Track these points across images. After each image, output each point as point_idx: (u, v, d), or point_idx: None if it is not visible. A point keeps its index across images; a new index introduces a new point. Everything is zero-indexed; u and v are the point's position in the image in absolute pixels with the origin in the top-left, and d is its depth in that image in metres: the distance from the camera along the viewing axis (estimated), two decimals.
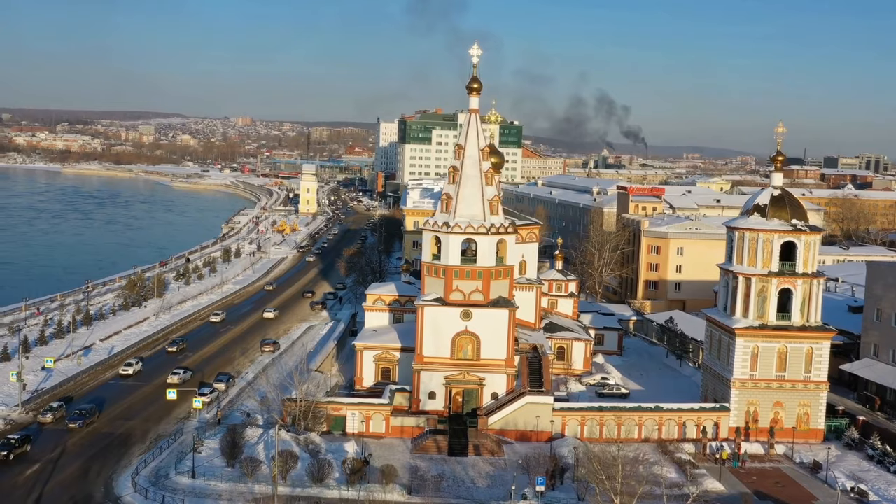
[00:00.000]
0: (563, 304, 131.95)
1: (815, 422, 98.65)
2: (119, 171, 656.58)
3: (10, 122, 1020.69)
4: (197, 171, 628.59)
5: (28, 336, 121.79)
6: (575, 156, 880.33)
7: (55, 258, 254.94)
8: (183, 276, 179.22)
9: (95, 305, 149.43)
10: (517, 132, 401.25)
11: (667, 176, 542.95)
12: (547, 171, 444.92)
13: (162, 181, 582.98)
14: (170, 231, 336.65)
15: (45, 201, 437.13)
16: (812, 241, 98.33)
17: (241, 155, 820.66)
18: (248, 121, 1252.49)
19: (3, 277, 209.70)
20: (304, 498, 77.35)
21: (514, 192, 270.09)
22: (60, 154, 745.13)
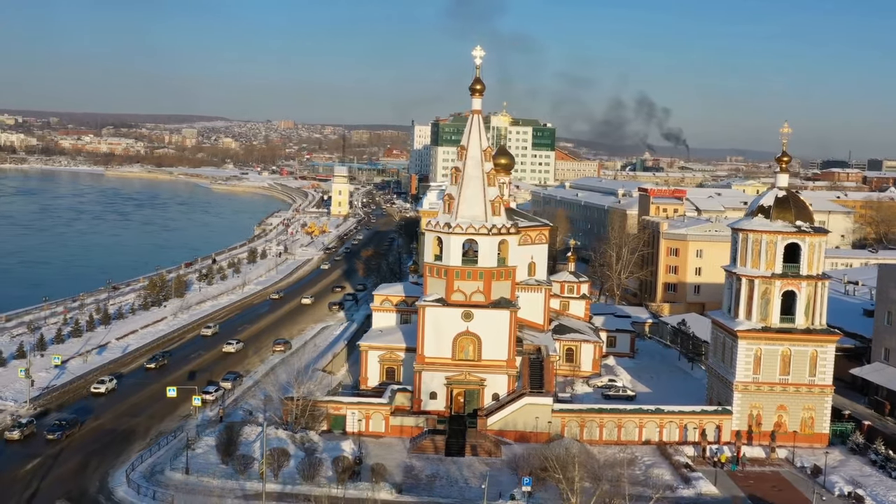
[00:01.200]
0: (575, 306, 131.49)
1: (820, 426, 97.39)
2: (160, 173, 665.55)
3: (57, 125, 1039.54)
4: (236, 174, 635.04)
5: (45, 334, 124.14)
6: (616, 158, 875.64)
7: (91, 258, 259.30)
8: (206, 277, 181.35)
9: (117, 305, 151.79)
10: (550, 135, 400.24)
11: (704, 178, 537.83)
12: (581, 173, 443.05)
13: (201, 183, 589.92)
14: (204, 232, 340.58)
15: (86, 203, 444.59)
16: (817, 243, 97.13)
17: (281, 158, 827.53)
18: (290, 124, 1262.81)
19: (40, 276, 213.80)
20: (293, 495, 78.08)
21: (542, 194, 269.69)
22: (104, 157, 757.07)
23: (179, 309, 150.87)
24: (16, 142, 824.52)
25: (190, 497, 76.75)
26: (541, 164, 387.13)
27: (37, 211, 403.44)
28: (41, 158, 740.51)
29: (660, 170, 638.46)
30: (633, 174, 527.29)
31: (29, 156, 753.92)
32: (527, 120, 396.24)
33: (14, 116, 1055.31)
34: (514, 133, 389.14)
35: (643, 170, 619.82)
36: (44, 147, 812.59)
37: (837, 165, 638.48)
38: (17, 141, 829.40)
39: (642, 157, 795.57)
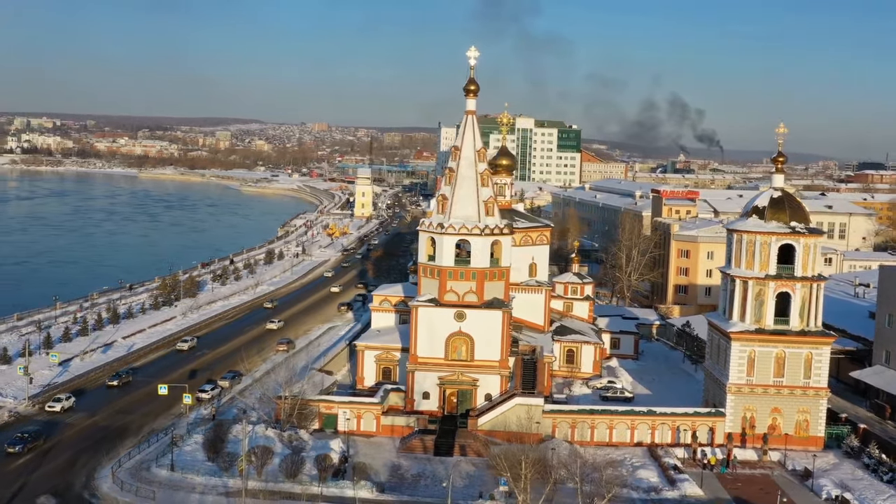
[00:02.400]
0: (579, 307, 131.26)
1: (815, 429, 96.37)
2: (192, 175, 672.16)
3: (94, 128, 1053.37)
4: (266, 176, 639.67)
5: (52, 333, 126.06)
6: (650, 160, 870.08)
7: (117, 258, 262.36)
8: (220, 278, 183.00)
9: (128, 305, 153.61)
10: (576, 136, 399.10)
11: (734, 180, 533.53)
12: (608, 175, 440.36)
13: (232, 185, 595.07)
14: (231, 233, 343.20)
15: (117, 204, 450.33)
16: (812, 244, 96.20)
17: (313, 160, 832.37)
18: (324, 126, 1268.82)
19: (66, 275, 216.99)
20: (275, 492, 78.69)
21: (562, 195, 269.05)
22: (138, 159, 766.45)
23: (189, 309, 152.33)
24: (52, 144, 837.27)
25: (172, 493, 77.72)
26: (566, 166, 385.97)
27: (69, 212, 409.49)
28: (77, 161, 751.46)
29: (690, 172, 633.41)
30: (663, 176, 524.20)
31: (65, 158, 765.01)
32: (552, 122, 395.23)
33: (53, 119, 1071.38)
34: (540, 135, 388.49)
35: (674, 172, 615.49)
36: (79, 150, 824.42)
37: (874, 168, 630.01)
38: (54, 144, 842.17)
39: (676, 159, 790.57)
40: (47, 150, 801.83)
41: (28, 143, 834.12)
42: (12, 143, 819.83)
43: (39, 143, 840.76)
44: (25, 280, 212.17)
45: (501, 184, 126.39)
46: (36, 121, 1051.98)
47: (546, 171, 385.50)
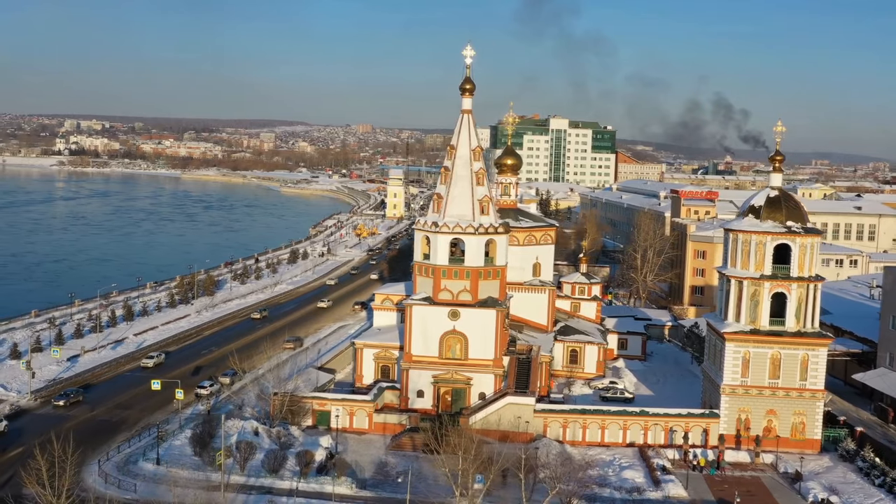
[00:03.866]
0: (586, 308, 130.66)
1: (812, 431, 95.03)
2: (234, 176, 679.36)
3: (141, 130, 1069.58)
4: (306, 177, 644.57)
5: (65, 330, 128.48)
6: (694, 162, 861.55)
7: (151, 256, 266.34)
8: (241, 276, 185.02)
9: (146, 302, 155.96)
10: (610, 137, 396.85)
11: None
12: (644, 176, 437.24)
13: (272, 186, 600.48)
14: (265, 233, 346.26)
15: (157, 204, 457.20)
16: (809, 244, 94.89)
17: (355, 161, 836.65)
18: (368, 128, 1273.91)
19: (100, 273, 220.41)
20: (256, 487, 79.58)
21: (590, 196, 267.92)
22: (182, 161, 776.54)
23: (205, 307, 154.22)
24: (99, 146, 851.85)
25: (154, 486, 78.85)
26: (600, 167, 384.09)
27: (110, 212, 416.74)
28: (122, 162, 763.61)
29: (731, 173, 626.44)
30: (703, 178, 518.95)
31: (111, 160, 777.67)
32: (587, 122, 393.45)
33: (102, 122, 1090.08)
34: (574, 136, 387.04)
35: (716, 173, 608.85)
36: (125, 151, 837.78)
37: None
38: (101, 145, 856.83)
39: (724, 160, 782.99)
40: (94, 152, 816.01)
41: (76, 144, 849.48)
42: (60, 144, 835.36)
43: (87, 144, 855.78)
44: (63, 277, 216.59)
45: (506, 183, 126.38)
46: (85, 123, 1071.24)
47: (580, 172, 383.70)
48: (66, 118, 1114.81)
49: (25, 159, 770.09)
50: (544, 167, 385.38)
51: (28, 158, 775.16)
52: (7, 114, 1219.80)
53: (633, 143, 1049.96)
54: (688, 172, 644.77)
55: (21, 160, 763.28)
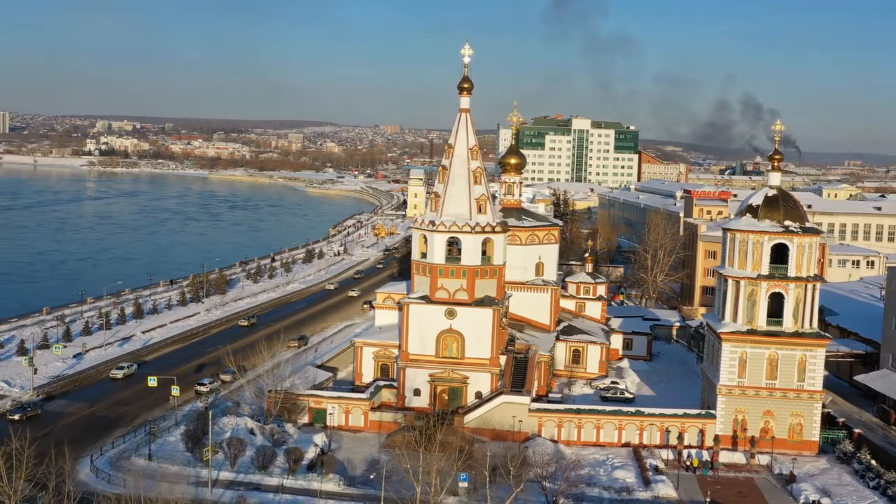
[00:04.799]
0: (591, 307, 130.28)
1: (809, 433, 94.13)
2: (261, 177, 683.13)
3: (171, 130, 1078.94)
4: (332, 177, 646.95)
5: (74, 327, 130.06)
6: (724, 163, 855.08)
7: (173, 255, 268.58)
8: (254, 275, 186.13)
9: (158, 300, 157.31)
10: (633, 138, 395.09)
11: (804, 182, 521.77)
12: (668, 176, 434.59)
13: (297, 186, 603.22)
14: (286, 232, 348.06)
15: (182, 204, 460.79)
16: (806, 244, 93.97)
17: (382, 162, 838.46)
18: (396, 129, 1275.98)
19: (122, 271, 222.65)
20: (244, 483, 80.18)
21: (608, 196, 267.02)
22: (210, 161, 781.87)
23: (215, 305, 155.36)
24: (129, 147, 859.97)
25: (143, 482, 79.34)
26: (623, 167, 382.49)
27: (136, 211, 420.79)
28: (151, 162, 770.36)
29: (759, 174, 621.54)
30: (729, 178, 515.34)
31: (140, 160, 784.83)
32: (609, 123, 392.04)
33: (132, 123, 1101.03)
34: (596, 136, 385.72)
35: (743, 174, 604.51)
36: (155, 152, 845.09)
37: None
38: (131, 146, 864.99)
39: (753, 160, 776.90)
40: (124, 152, 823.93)
41: (106, 145, 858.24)
42: (91, 145, 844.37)
43: (117, 145, 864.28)
44: (86, 275, 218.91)
45: (510, 182, 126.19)
46: (117, 124, 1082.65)
47: (602, 172, 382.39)
48: (98, 119, 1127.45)
49: (56, 159, 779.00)
50: (566, 167, 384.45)
51: (59, 159, 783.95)
52: (40, 115, 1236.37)
53: (662, 143, 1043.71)
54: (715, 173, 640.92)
55: (52, 160, 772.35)
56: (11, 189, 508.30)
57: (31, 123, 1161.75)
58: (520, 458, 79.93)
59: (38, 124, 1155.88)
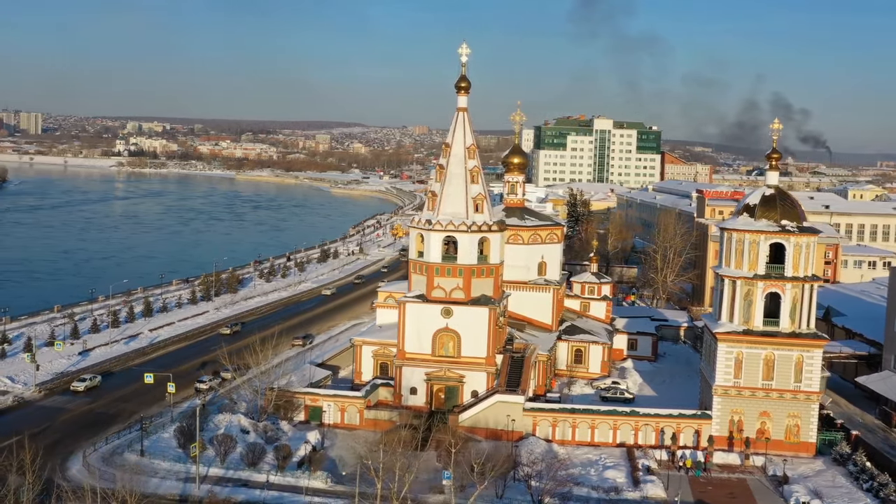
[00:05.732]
0: (596, 307, 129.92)
1: (806, 434, 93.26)
2: (287, 177, 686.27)
3: (200, 131, 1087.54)
4: (357, 178, 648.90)
5: (83, 324, 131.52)
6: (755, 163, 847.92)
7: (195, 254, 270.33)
8: (267, 274, 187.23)
9: (167, 298, 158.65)
10: (656, 138, 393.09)
11: (831, 183, 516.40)
12: (692, 177, 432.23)
13: (323, 187, 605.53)
14: (308, 232, 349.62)
15: (207, 204, 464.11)
16: (804, 244, 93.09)
17: (408, 163, 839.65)
18: (424, 129, 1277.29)
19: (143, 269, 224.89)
20: (233, 480, 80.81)
21: (626, 196, 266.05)
22: (237, 162, 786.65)
23: (225, 304, 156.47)
24: (158, 147, 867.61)
25: (133, 477, 79.98)
26: (645, 168, 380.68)
27: (161, 211, 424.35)
28: (179, 163, 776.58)
29: (787, 174, 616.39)
30: (755, 179, 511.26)
31: (169, 161, 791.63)
32: (631, 123, 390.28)
33: (162, 124, 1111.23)
34: (618, 136, 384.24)
35: None
36: (183, 152, 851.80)
37: None
38: (160, 147, 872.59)
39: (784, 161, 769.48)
40: (153, 153, 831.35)
41: (135, 146, 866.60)
42: (120, 146, 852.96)
43: (146, 146, 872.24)
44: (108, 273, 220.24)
45: (513, 182, 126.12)
46: (147, 125, 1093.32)
47: (625, 173, 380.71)
48: (128, 120, 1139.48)
49: (86, 160, 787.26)
50: (588, 168, 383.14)
51: (88, 159, 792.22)
52: (72, 116, 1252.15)
53: (691, 144, 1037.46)
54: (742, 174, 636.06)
55: (82, 161, 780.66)
56: (40, 189, 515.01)
57: (63, 124, 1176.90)
58: (500, 457, 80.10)
59: (69, 125, 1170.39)
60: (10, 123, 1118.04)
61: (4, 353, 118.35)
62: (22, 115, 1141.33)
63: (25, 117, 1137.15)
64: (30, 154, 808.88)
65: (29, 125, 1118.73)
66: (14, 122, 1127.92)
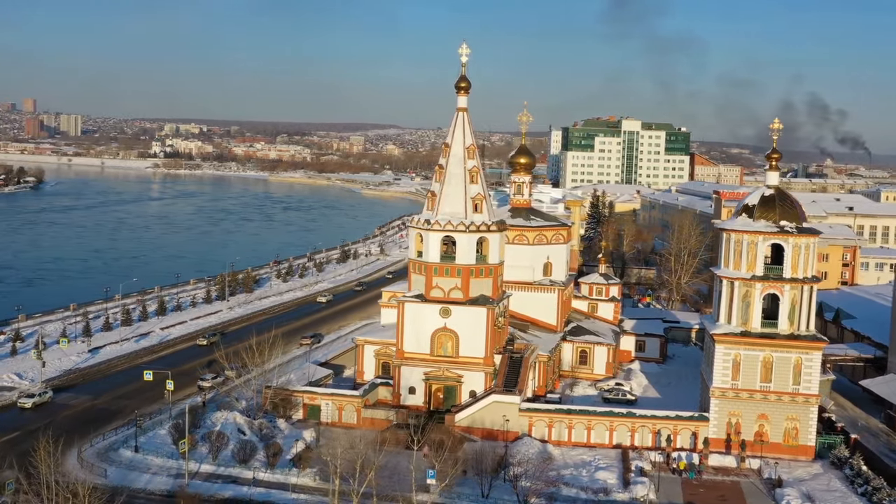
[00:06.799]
0: (604, 308, 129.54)
1: (805, 437, 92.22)
2: (319, 179, 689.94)
3: (236, 133, 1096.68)
4: (388, 179, 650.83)
5: (95, 323, 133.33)
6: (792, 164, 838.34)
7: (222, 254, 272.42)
8: (284, 274, 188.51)
9: (181, 297, 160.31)
10: (684, 139, 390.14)
11: (866, 185, 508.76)
12: (722, 178, 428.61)
13: (354, 188, 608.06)
14: (336, 232, 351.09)
15: (239, 205, 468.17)
16: (803, 245, 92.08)
17: None
18: None
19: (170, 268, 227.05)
20: (223, 476, 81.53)
21: (649, 198, 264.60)
22: (271, 163, 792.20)
23: (239, 303, 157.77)
24: (193, 149, 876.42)
25: (125, 472, 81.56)
26: (674, 169, 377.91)
27: (192, 212, 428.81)
28: (213, 164, 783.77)
29: (822, 176, 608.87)
30: (788, 181, 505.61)
31: (203, 162, 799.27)
32: (660, 124, 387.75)
33: (199, 126, 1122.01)
34: (647, 137, 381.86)
35: (805, 176, 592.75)
36: (218, 154, 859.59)
37: None
38: (195, 148, 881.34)
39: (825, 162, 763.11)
40: (188, 155, 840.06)
41: (171, 147, 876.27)
42: (156, 147, 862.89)
43: (182, 147, 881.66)
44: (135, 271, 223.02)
45: (520, 182, 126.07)
46: (184, 126, 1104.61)
47: (653, 174, 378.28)
48: (166, 122, 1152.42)
49: (123, 161, 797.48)
50: (616, 169, 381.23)
51: (125, 161, 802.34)
52: (112, 118, 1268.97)
53: (727, 145, 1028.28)
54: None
55: (118, 162, 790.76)
56: (76, 190, 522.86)
57: (102, 126, 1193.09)
58: (488, 456, 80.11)
59: (108, 127, 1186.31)
60: (51, 125, 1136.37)
61: (16, 350, 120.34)
62: (62, 118, 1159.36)
63: (66, 119, 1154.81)
64: (68, 155, 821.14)
65: (69, 127, 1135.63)
66: (55, 124, 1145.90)
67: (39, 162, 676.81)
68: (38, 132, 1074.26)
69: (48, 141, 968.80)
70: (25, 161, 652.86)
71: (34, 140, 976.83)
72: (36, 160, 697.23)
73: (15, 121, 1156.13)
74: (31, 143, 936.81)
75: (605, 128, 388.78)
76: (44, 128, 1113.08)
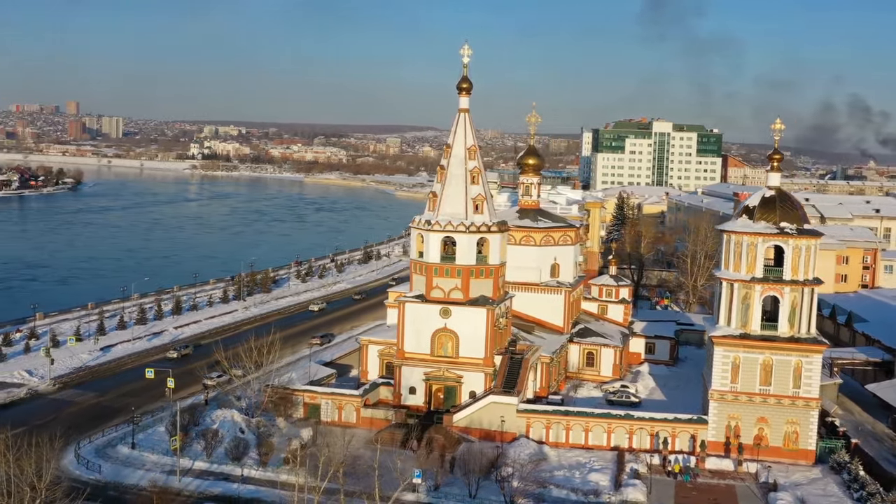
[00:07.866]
0: (613, 310, 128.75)
1: (805, 441, 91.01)
2: (354, 180, 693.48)
3: (274, 135, 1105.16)
4: (422, 181, 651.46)
5: (108, 322, 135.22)
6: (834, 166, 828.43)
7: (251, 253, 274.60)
8: (304, 275, 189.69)
9: (197, 297, 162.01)
10: (717, 141, 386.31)
11: None
12: (754, 180, 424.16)
13: (388, 190, 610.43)
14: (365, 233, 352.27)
15: (272, 206, 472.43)
16: (803, 246, 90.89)
17: None
18: (496, 133, 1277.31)
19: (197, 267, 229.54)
20: (215, 473, 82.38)
21: (675, 200, 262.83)
22: (307, 165, 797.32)
23: (255, 303, 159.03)
24: (231, 151, 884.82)
25: (120, 469, 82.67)
26: (706, 171, 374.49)
27: (226, 213, 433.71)
28: (250, 166, 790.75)
29: (861, 178, 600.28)
30: (825, 183, 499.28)
31: (241, 164, 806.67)
32: (691, 126, 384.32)
33: (238, 128, 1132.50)
34: (678, 139, 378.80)
35: (843, 178, 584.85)
36: (255, 156, 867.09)
37: None
38: (233, 150, 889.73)
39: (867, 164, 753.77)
40: (226, 157, 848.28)
41: (208, 149, 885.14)
42: (194, 149, 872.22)
43: (219, 149, 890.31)
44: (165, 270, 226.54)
45: (528, 183, 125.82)
46: (223, 129, 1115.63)
47: (685, 176, 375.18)
48: (205, 124, 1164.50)
49: (161, 163, 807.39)
50: (647, 171, 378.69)
51: (164, 162, 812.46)
52: (152, 120, 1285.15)
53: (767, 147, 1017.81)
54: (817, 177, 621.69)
55: (157, 164, 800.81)
56: (114, 191, 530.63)
57: (143, 128, 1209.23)
58: (480, 457, 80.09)
59: (149, 129, 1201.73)
60: (93, 128, 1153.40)
61: (29, 348, 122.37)
62: (104, 120, 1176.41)
63: (107, 121, 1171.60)
64: (108, 157, 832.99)
65: (111, 129, 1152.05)
66: (97, 126, 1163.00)
67: (80, 163, 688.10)
68: (81, 134, 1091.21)
69: (89, 143, 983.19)
70: (66, 163, 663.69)
71: (76, 142, 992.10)
72: (76, 162, 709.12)
73: (58, 123, 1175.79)
74: (73, 144, 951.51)
75: (635, 129, 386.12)
76: (86, 130, 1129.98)
